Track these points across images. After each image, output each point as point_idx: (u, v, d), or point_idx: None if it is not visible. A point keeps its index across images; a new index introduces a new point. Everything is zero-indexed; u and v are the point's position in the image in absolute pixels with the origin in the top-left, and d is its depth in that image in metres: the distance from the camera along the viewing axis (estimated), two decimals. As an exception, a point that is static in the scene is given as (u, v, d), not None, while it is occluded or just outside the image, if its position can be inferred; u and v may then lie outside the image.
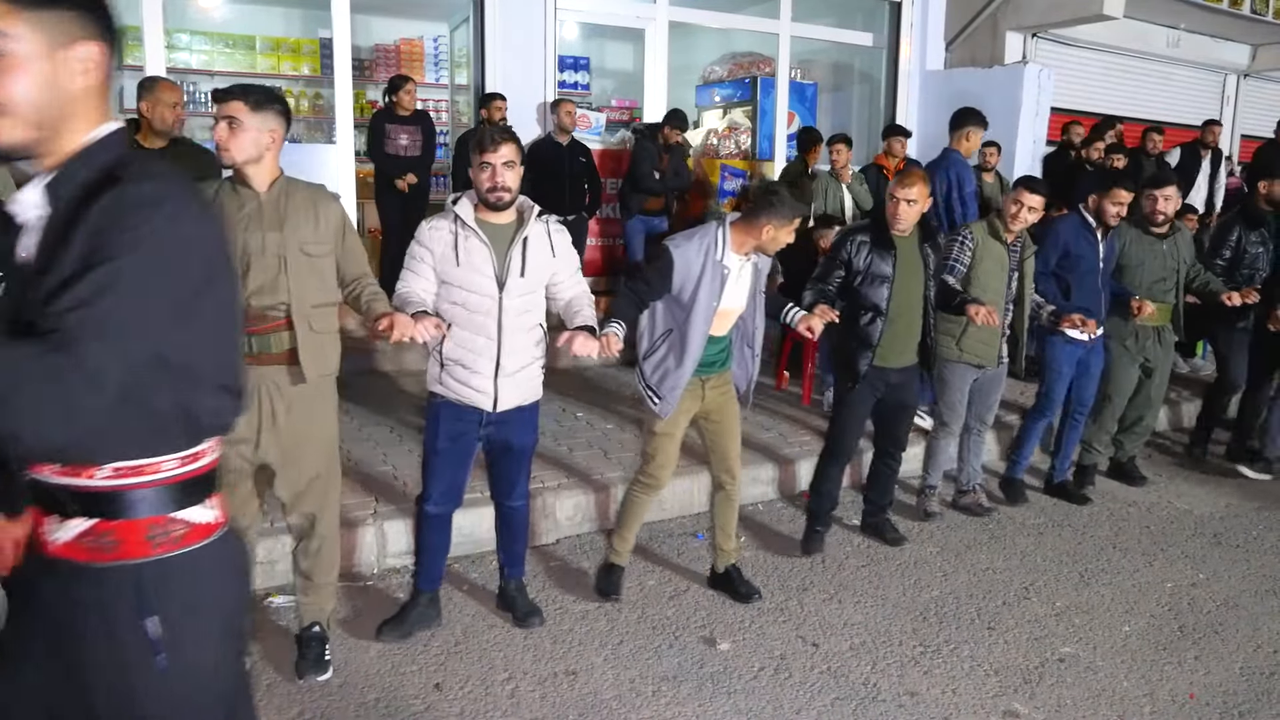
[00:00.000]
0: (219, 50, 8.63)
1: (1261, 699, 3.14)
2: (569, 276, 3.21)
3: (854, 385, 3.93)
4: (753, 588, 3.70)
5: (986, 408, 4.56)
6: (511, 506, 3.38)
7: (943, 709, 3.02)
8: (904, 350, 3.95)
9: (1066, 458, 4.96)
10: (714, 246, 3.31)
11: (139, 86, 3.97)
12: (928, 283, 3.93)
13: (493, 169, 2.92)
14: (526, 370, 3.11)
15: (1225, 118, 11.42)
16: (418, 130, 6.71)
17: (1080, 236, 4.57)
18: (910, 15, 8.86)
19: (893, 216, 3.82)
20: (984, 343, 4.28)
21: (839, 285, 3.90)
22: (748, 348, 3.61)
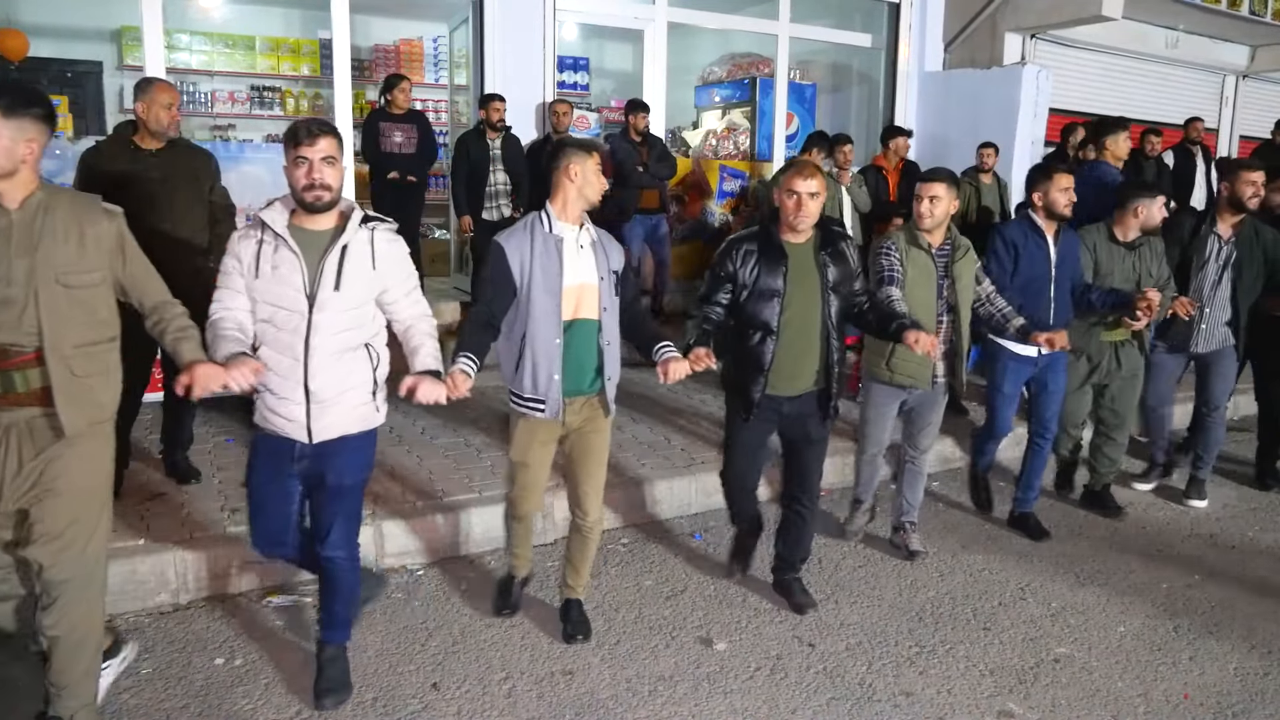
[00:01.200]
0: (219, 51, 8.64)
1: (1256, 699, 3.15)
2: (403, 295, 2.82)
3: (748, 416, 3.44)
4: (579, 629, 3.35)
5: (921, 432, 4.08)
6: (327, 557, 2.86)
7: (938, 709, 3.04)
8: (798, 375, 3.41)
9: (1031, 488, 4.47)
10: (539, 221, 3.03)
11: (135, 88, 3.96)
12: (827, 297, 3.37)
13: (309, 165, 2.57)
14: (350, 395, 2.74)
15: (1224, 119, 11.45)
16: (413, 129, 6.72)
17: (1028, 239, 4.15)
18: (909, 16, 8.88)
19: (792, 215, 3.29)
20: (917, 362, 3.77)
21: (728, 303, 3.39)
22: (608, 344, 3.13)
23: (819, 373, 3.44)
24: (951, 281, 3.82)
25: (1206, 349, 4.70)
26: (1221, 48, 10.77)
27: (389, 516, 3.95)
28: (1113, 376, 4.51)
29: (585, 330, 3.07)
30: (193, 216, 4.02)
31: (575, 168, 3.00)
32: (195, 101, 8.60)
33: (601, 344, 3.09)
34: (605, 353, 3.10)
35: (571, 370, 3.06)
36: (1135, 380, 4.56)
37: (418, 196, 6.85)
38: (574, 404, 3.12)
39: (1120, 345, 4.46)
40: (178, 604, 3.51)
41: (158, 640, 3.27)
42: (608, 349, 3.10)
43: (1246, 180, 4.47)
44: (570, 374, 3.05)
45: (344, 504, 2.85)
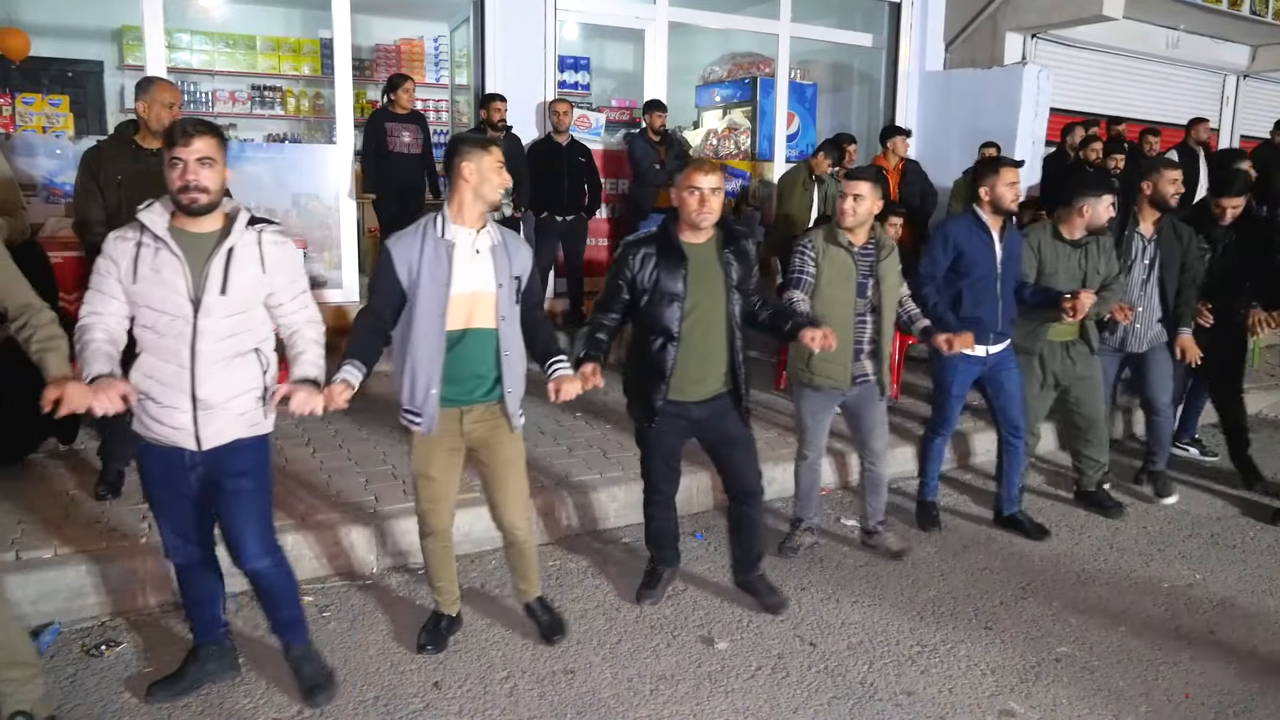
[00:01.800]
0: (219, 50, 8.65)
1: (1256, 699, 3.15)
2: (289, 299, 2.72)
3: (650, 423, 3.34)
4: (555, 626, 3.32)
5: (871, 435, 3.97)
6: (251, 571, 2.80)
7: (939, 708, 3.04)
8: (704, 379, 3.31)
9: (1013, 486, 4.43)
10: (433, 224, 2.88)
11: (136, 87, 3.96)
12: (730, 296, 3.26)
13: (184, 166, 2.47)
14: (239, 401, 2.65)
15: (1224, 118, 11.45)
16: (418, 129, 6.73)
17: (973, 236, 4.03)
18: (910, 16, 8.88)
19: (695, 212, 3.15)
20: (833, 362, 3.68)
21: (624, 308, 3.28)
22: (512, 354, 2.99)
23: (726, 375, 3.34)
24: (876, 281, 3.73)
25: (1140, 348, 4.68)
26: (1222, 47, 10.77)
27: (389, 516, 3.95)
28: (1070, 377, 4.42)
29: (479, 340, 2.92)
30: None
31: (469, 166, 2.85)
32: (196, 101, 8.60)
33: (500, 354, 2.94)
34: (504, 363, 2.95)
35: (464, 380, 2.92)
36: (1093, 380, 4.46)
37: (421, 196, 6.85)
38: (471, 412, 2.99)
39: (1071, 345, 4.38)
40: (178, 602, 3.50)
41: (158, 639, 3.27)
42: (506, 360, 2.95)
43: (1169, 179, 4.42)
44: (462, 384, 2.92)
45: (249, 511, 2.75)
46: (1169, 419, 4.93)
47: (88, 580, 3.39)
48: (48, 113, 6.93)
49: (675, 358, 3.23)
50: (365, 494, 4.16)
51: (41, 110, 6.92)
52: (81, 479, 4.14)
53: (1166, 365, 4.74)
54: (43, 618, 3.27)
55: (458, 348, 2.89)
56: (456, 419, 2.98)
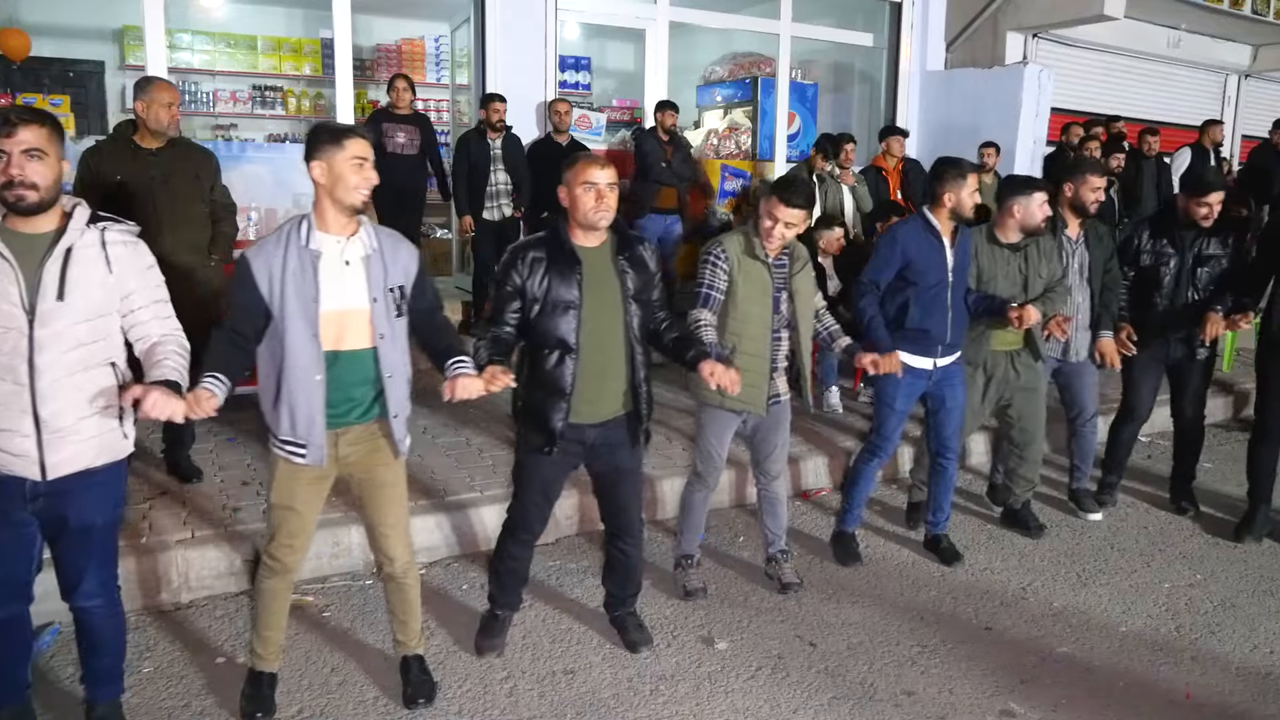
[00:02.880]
0: (220, 50, 8.66)
1: (1258, 699, 3.15)
2: (146, 304, 2.44)
3: (550, 449, 2.96)
4: (420, 690, 2.96)
5: (770, 457, 3.69)
6: (82, 609, 2.53)
7: (939, 708, 3.03)
8: (600, 399, 2.98)
9: (941, 509, 4.15)
10: (296, 230, 2.55)
11: (135, 87, 3.96)
12: (628, 307, 2.95)
13: (7, 159, 2.20)
14: (92, 422, 2.36)
15: (1226, 118, 11.43)
16: (415, 130, 6.73)
17: (924, 242, 3.75)
18: (910, 16, 8.87)
19: (592, 210, 2.85)
20: (748, 384, 3.32)
21: (517, 322, 2.93)
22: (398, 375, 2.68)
23: (625, 394, 3.02)
24: (790, 295, 3.49)
25: (1078, 358, 4.44)
26: (1223, 47, 10.76)
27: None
28: (1012, 389, 4.17)
29: (355, 362, 2.61)
30: (193, 215, 4.03)
31: (319, 166, 2.51)
32: (197, 101, 8.62)
33: (381, 377, 2.63)
34: (387, 386, 2.64)
35: (338, 404, 2.61)
36: (1036, 393, 4.22)
37: (419, 197, 6.85)
38: (348, 434, 2.68)
39: (1016, 355, 4.13)
40: (179, 603, 3.51)
41: (159, 639, 3.27)
42: (389, 382, 2.64)
43: (1093, 186, 4.23)
44: (336, 406, 2.61)
45: (96, 549, 2.49)
46: (1095, 432, 4.69)
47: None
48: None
49: (575, 372, 2.90)
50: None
51: (42, 110, 6.93)
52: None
53: (1094, 375, 4.58)
54: (43, 618, 3.26)
55: (330, 371, 2.57)
56: (332, 443, 2.64)
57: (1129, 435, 4.77)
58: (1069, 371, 4.51)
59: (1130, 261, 4.49)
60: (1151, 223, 4.55)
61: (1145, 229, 4.52)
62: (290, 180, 6.45)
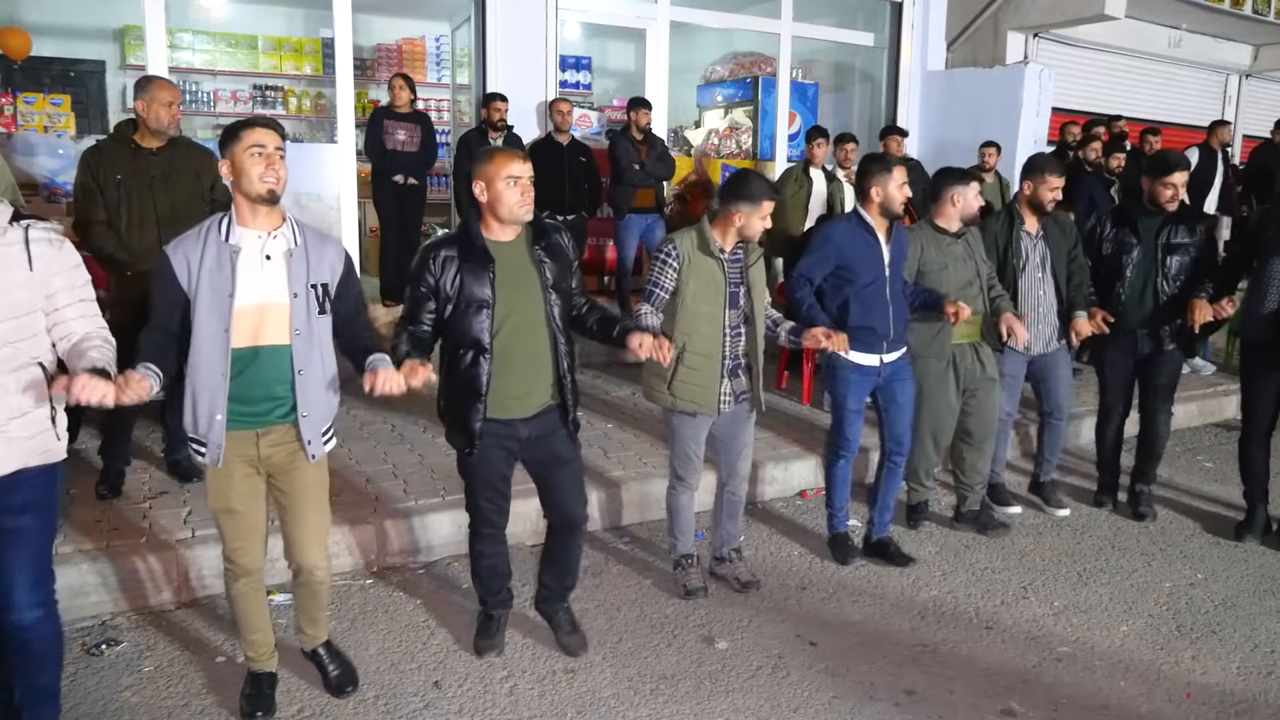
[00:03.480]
0: (221, 50, 8.67)
1: (1258, 699, 3.15)
2: (70, 303, 2.38)
3: (471, 450, 2.96)
4: (346, 676, 3.00)
5: (736, 456, 3.67)
6: (14, 623, 2.39)
7: (940, 708, 3.03)
8: (529, 394, 2.96)
9: (886, 510, 4.13)
10: (216, 226, 2.55)
11: (135, 86, 3.96)
12: (548, 298, 2.92)
13: None
14: (20, 422, 2.31)
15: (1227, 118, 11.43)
16: (416, 128, 6.73)
17: (857, 239, 3.76)
18: (911, 15, 8.87)
19: (518, 205, 2.83)
20: (701, 385, 3.40)
21: (433, 322, 2.89)
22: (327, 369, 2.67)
23: (553, 386, 3.00)
24: (747, 289, 3.45)
25: (1042, 350, 4.43)
26: (1224, 47, 10.76)
27: (390, 515, 3.95)
28: (977, 380, 4.19)
29: (271, 358, 2.58)
30: (194, 215, 3.99)
31: (224, 164, 2.51)
32: (198, 101, 8.63)
33: (294, 372, 2.60)
34: (298, 383, 2.60)
35: (257, 401, 2.59)
36: (996, 384, 4.25)
37: (419, 196, 6.85)
38: (269, 435, 2.65)
39: (978, 347, 4.19)
40: (180, 602, 3.52)
41: (159, 638, 3.28)
42: (300, 379, 2.60)
43: (1051, 185, 4.23)
44: (255, 404, 2.59)
45: (28, 556, 2.38)
46: (1065, 426, 4.74)
47: (89, 579, 3.39)
48: (49, 112, 6.94)
49: (490, 372, 2.87)
50: (366, 493, 4.16)
51: (43, 110, 6.94)
52: (82, 478, 4.14)
53: (1067, 370, 4.60)
54: None
55: (249, 368, 2.55)
56: (252, 442, 2.63)
57: (1113, 435, 4.75)
58: (1042, 364, 4.51)
59: (1094, 252, 4.48)
60: (1114, 212, 4.56)
61: (1109, 218, 4.52)
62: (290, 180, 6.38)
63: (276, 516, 2.83)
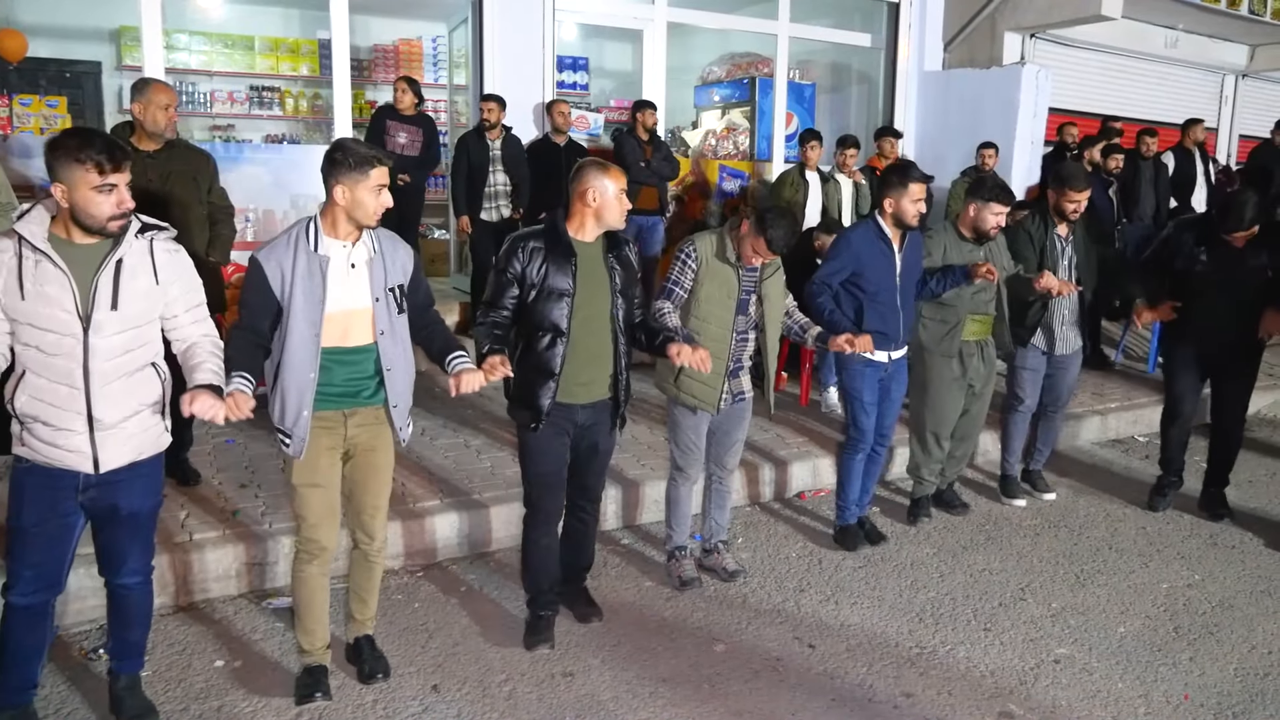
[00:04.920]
0: (218, 51, 8.63)
1: (1256, 700, 3.15)
2: (184, 311, 2.60)
3: (537, 425, 3.16)
4: (378, 666, 3.09)
5: (727, 450, 3.81)
6: (123, 585, 2.72)
7: (938, 710, 3.03)
8: (592, 381, 3.20)
9: (867, 493, 4.34)
10: (304, 235, 2.71)
11: (132, 88, 3.95)
12: (615, 300, 3.18)
13: (117, 191, 2.37)
14: (137, 419, 2.54)
15: (1223, 118, 11.45)
16: (418, 131, 6.72)
17: (874, 247, 3.94)
18: (908, 16, 8.87)
19: (619, 217, 3.14)
20: (704, 383, 3.54)
21: (514, 306, 3.13)
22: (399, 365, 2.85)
23: (610, 379, 3.25)
24: (759, 299, 3.61)
25: (1064, 351, 4.66)
26: (1221, 47, 10.77)
27: (389, 518, 3.93)
28: (981, 378, 4.41)
29: (358, 358, 2.79)
30: (191, 217, 4.02)
31: (341, 190, 2.67)
32: (194, 102, 8.60)
33: (382, 369, 2.81)
34: (387, 379, 2.82)
35: (344, 387, 2.79)
36: (992, 385, 4.51)
37: (417, 197, 6.84)
38: (355, 415, 2.85)
39: (984, 345, 4.39)
40: (178, 605, 3.51)
41: (157, 642, 3.27)
42: (389, 375, 2.82)
43: (1069, 199, 4.39)
44: (346, 388, 2.79)
45: (141, 533, 2.69)
46: (1061, 419, 5.01)
47: (85, 584, 3.37)
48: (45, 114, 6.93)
49: (564, 355, 3.11)
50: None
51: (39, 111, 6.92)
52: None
53: (1077, 369, 4.84)
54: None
55: (336, 366, 2.75)
56: (341, 421, 2.83)
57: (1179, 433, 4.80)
58: (1057, 364, 4.69)
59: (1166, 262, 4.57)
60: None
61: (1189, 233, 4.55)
62: (288, 181, 6.44)
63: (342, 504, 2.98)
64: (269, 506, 3.93)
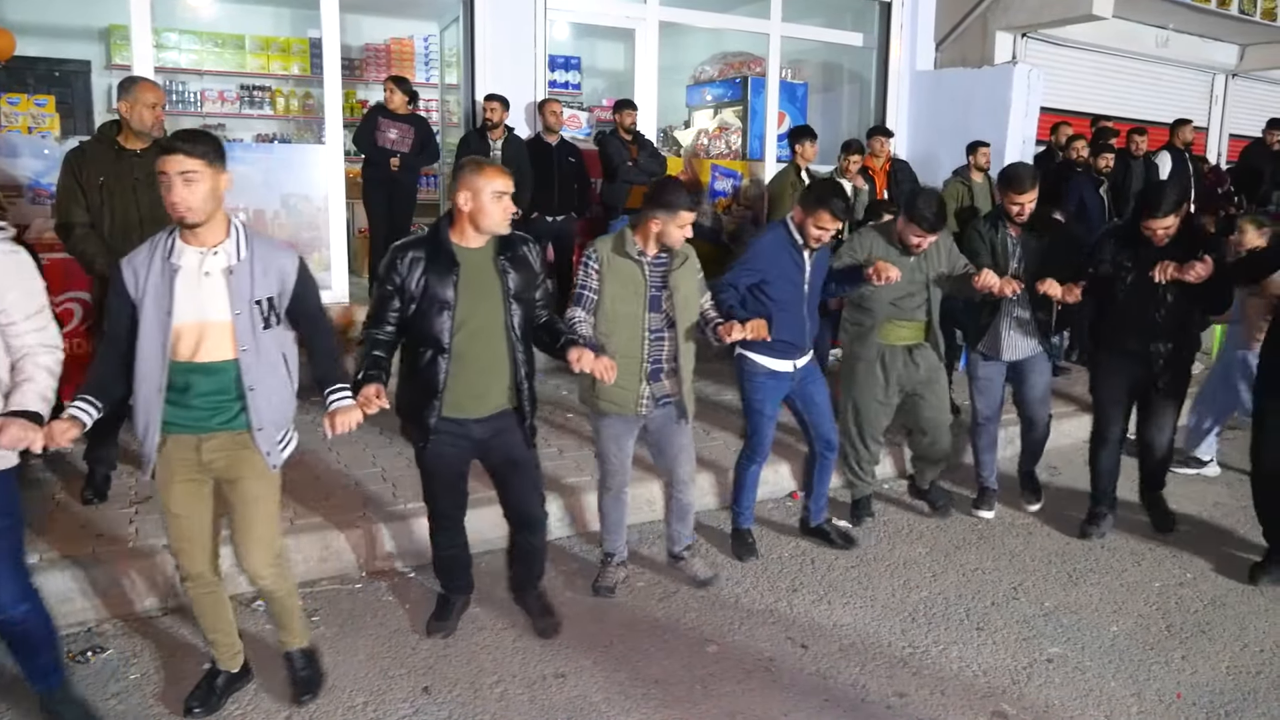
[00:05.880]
0: (208, 50, 8.60)
1: (1248, 698, 3.15)
2: (22, 318, 2.41)
3: (423, 444, 3.06)
4: (304, 687, 2.96)
5: (675, 461, 3.66)
6: (7, 619, 2.53)
7: (931, 710, 3.03)
8: (485, 394, 3.04)
9: (821, 497, 4.26)
10: (164, 241, 2.54)
11: (119, 87, 3.91)
12: (508, 306, 3.00)
13: None
14: None
15: (1214, 118, 11.50)
16: (409, 128, 6.70)
17: (784, 255, 3.80)
18: (900, 15, 8.87)
19: (499, 222, 2.97)
20: (618, 386, 3.33)
21: (398, 321, 2.98)
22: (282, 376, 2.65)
23: (509, 390, 3.08)
24: (670, 293, 3.43)
25: (1015, 357, 4.44)
26: (1211, 47, 10.82)
27: (379, 520, 3.93)
28: (913, 383, 4.29)
29: (215, 374, 2.56)
30: (178, 217, 3.99)
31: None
32: (184, 101, 8.56)
33: (244, 389, 2.57)
34: (249, 399, 2.58)
35: (199, 410, 2.58)
36: (939, 385, 4.36)
37: (409, 195, 6.82)
38: (211, 440, 2.62)
39: (913, 349, 4.24)
40: (165, 608, 3.49)
41: (146, 645, 3.25)
42: (251, 394, 2.57)
43: (1010, 200, 4.23)
44: (197, 412, 2.58)
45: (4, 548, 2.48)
46: (1045, 433, 4.69)
47: (74, 585, 3.36)
48: (33, 113, 6.87)
49: (447, 371, 2.95)
50: (355, 497, 4.13)
51: (27, 110, 6.87)
52: (67, 483, 4.10)
53: (1045, 375, 4.55)
54: None
55: (189, 382, 2.55)
56: (193, 447, 2.61)
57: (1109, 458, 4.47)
58: (1014, 372, 4.51)
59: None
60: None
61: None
62: (278, 181, 6.42)
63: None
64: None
